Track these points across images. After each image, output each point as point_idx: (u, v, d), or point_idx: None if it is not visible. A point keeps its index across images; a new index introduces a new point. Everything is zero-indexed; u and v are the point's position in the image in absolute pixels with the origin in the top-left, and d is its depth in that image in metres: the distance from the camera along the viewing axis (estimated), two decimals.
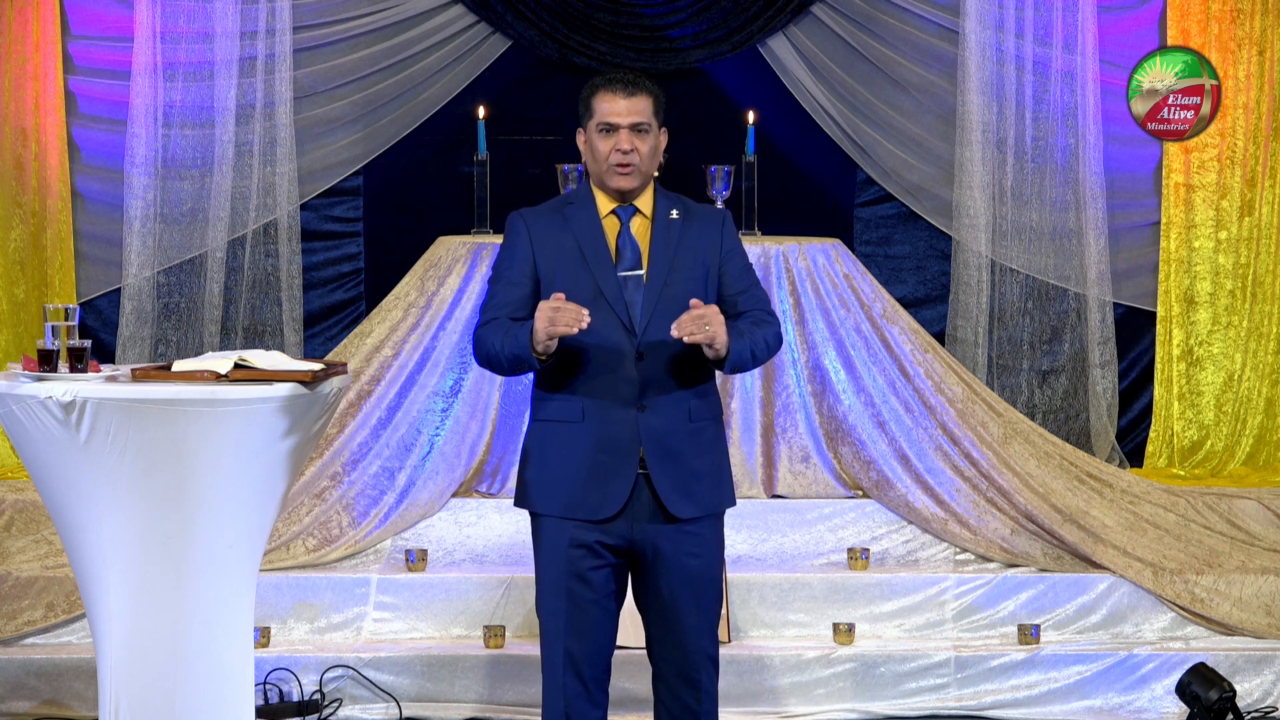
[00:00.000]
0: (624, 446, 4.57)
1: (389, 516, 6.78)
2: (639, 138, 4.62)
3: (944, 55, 8.32)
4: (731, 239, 4.71)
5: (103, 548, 4.60)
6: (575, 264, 4.61)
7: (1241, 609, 6.62)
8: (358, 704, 6.27)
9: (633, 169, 4.61)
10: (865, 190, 8.48)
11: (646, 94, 4.66)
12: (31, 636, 6.41)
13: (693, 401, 4.62)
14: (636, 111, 4.63)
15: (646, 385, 4.57)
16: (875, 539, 6.90)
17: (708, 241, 4.67)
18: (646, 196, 4.69)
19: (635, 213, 4.67)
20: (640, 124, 4.63)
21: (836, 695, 6.35)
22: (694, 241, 4.65)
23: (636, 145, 4.61)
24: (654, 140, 4.66)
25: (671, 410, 4.59)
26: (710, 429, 4.66)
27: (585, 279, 4.59)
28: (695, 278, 4.63)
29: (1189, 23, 8.31)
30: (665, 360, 4.58)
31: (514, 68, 8.37)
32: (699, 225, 4.68)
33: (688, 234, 4.66)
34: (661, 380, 4.58)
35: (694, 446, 4.61)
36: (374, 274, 8.33)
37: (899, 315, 7.13)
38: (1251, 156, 8.31)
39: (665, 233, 4.64)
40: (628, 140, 4.61)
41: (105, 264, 8.25)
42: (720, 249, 4.67)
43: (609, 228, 4.66)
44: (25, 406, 4.52)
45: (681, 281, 4.61)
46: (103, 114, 8.24)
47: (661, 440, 4.58)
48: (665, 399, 4.58)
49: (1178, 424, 8.32)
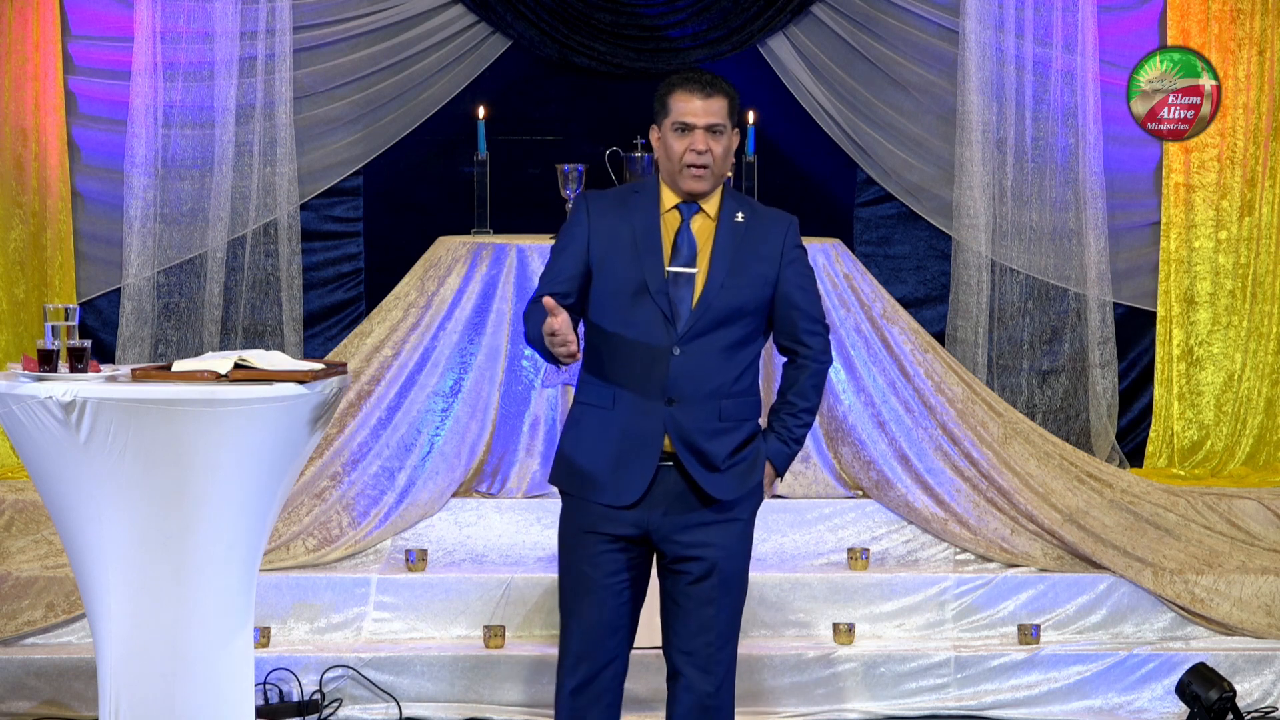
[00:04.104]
0: (648, 438, 4.59)
1: (389, 516, 6.78)
2: (714, 139, 4.60)
3: (944, 55, 8.32)
4: (794, 247, 4.69)
5: (103, 548, 4.60)
6: (627, 254, 4.62)
7: (1241, 609, 6.62)
8: (358, 704, 6.27)
9: (706, 171, 4.61)
10: (865, 190, 8.48)
11: (723, 95, 4.63)
12: (31, 636, 6.41)
13: (725, 402, 4.62)
14: (713, 113, 4.60)
15: (678, 381, 4.59)
16: (875, 539, 6.90)
17: (771, 248, 4.65)
18: (714, 197, 4.67)
19: (698, 211, 4.66)
20: (716, 125, 4.61)
21: (836, 695, 6.35)
22: (756, 246, 4.64)
23: (711, 147, 4.60)
24: (728, 141, 4.65)
25: (700, 408, 4.60)
26: (743, 431, 4.66)
27: (634, 269, 4.61)
28: (751, 284, 4.63)
29: (1189, 23, 8.31)
30: (701, 359, 4.59)
31: (514, 68, 8.37)
32: (764, 230, 4.66)
33: (751, 238, 4.65)
34: (694, 378, 4.59)
35: (721, 446, 4.62)
36: (374, 274, 8.33)
37: (899, 315, 7.13)
38: (1251, 156, 8.31)
39: (729, 234, 4.64)
40: (703, 141, 4.59)
41: (105, 264, 8.25)
42: (782, 258, 4.66)
43: (669, 223, 4.65)
44: (25, 406, 4.52)
45: (737, 285, 4.61)
46: (103, 114, 8.24)
47: (687, 436, 4.59)
48: (696, 396, 4.59)
49: (1178, 424, 8.32)
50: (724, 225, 4.64)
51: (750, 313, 4.62)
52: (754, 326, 4.65)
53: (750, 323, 4.64)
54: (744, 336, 4.63)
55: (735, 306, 4.59)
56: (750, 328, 4.64)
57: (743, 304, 4.60)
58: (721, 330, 4.59)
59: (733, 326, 4.61)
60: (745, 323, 4.62)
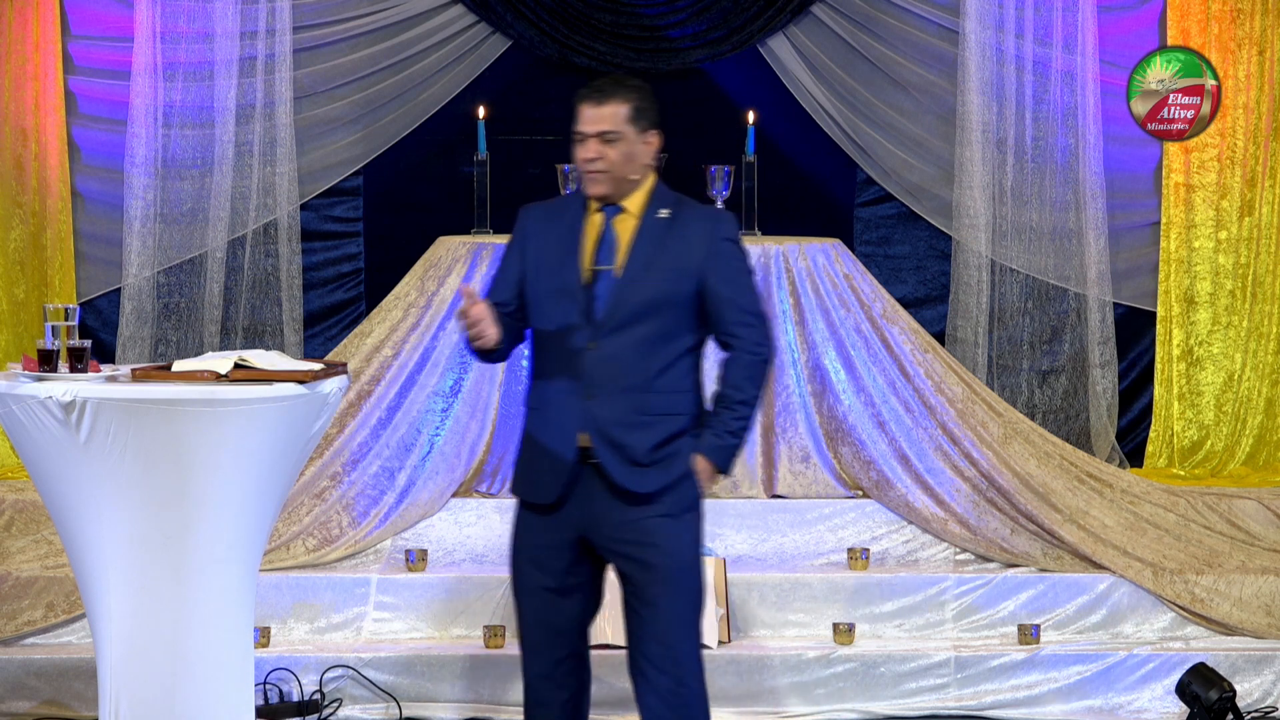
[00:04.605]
0: (565, 435, 4.65)
1: (389, 516, 6.78)
2: (606, 146, 4.67)
3: (944, 55, 8.32)
4: (721, 240, 4.70)
5: (103, 548, 4.60)
6: (553, 257, 4.72)
7: (1241, 609, 6.62)
8: (358, 704, 6.27)
9: (601, 175, 4.68)
10: (865, 190, 8.47)
11: (619, 101, 4.69)
12: (31, 636, 6.41)
13: (647, 397, 4.63)
14: (602, 120, 4.68)
15: (595, 376, 4.63)
16: (875, 539, 6.90)
17: (694, 241, 4.68)
18: (637, 196, 4.72)
19: (621, 211, 4.72)
20: (606, 132, 4.67)
21: (836, 695, 6.35)
22: (678, 240, 4.68)
23: (604, 153, 4.67)
24: (628, 147, 4.68)
25: (619, 401, 4.62)
26: (669, 425, 4.65)
27: (557, 271, 4.70)
28: (669, 277, 4.65)
29: (1189, 23, 8.31)
30: (618, 354, 4.62)
31: (514, 68, 8.37)
32: (691, 226, 4.70)
33: (673, 233, 4.69)
34: (611, 372, 4.62)
35: (643, 439, 4.63)
36: (374, 274, 8.33)
37: (899, 315, 7.13)
38: (1251, 156, 8.31)
39: (649, 230, 4.69)
40: (592, 149, 4.68)
41: (105, 264, 8.25)
42: (707, 251, 4.68)
43: (594, 224, 4.72)
44: (25, 406, 4.52)
45: (652, 279, 4.64)
46: (103, 114, 8.24)
47: (604, 430, 4.62)
48: (614, 390, 4.62)
49: (1178, 424, 8.32)
50: (645, 222, 4.70)
51: (670, 306, 4.64)
52: (677, 320, 4.65)
53: (672, 316, 4.64)
54: (666, 330, 4.64)
55: (651, 300, 4.62)
56: (672, 322, 4.65)
57: (659, 297, 4.63)
58: (639, 325, 4.62)
59: (651, 320, 4.63)
60: (666, 316, 4.64)
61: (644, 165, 4.72)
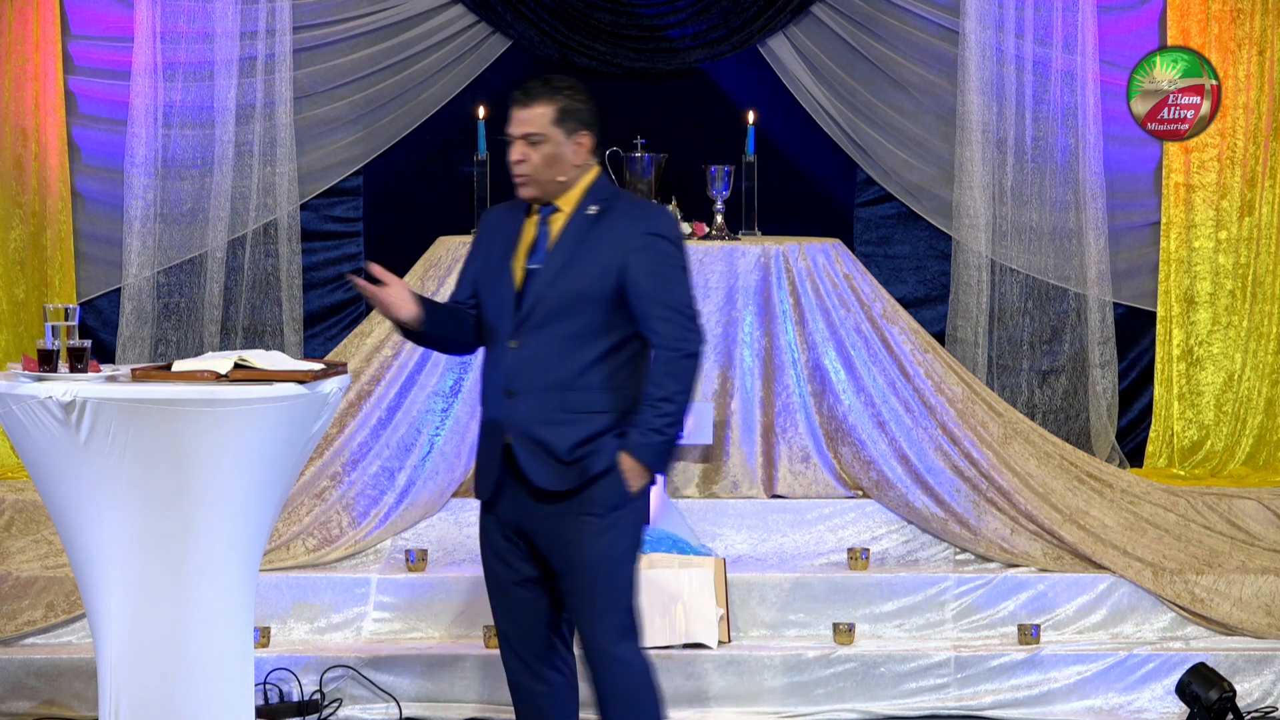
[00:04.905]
0: (493, 432, 4.71)
1: (389, 516, 6.78)
2: (531, 148, 4.68)
3: (944, 55, 8.32)
4: (647, 234, 4.66)
5: (103, 548, 4.60)
6: (496, 258, 4.76)
7: (1241, 609, 6.62)
8: (358, 704, 6.27)
9: (526, 178, 4.70)
10: (865, 190, 8.47)
11: (544, 103, 4.70)
12: (31, 636, 6.41)
13: (570, 394, 4.63)
14: (526, 122, 4.69)
15: (516, 373, 4.65)
16: (875, 539, 6.90)
17: (618, 236, 4.66)
18: (571, 195, 4.72)
19: (555, 211, 4.72)
20: (530, 134, 4.68)
21: (836, 695, 6.35)
22: (603, 236, 4.66)
23: (528, 155, 4.68)
24: (553, 149, 4.68)
25: (540, 399, 4.63)
26: (593, 424, 4.64)
27: (497, 272, 4.74)
28: (591, 273, 4.63)
29: (1189, 23, 8.31)
30: (539, 351, 4.63)
31: (514, 68, 8.36)
32: (618, 222, 4.68)
33: (599, 229, 4.67)
34: (532, 370, 4.64)
35: (564, 437, 4.62)
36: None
37: (899, 315, 7.13)
38: (1251, 156, 8.31)
39: (575, 227, 4.69)
40: (517, 151, 4.70)
41: (105, 264, 8.25)
42: (631, 246, 4.64)
43: (531, 225, 4.75)
44: (25, 406, 4.52)
45: (574, 276, 4.63)
46: (103, 114, 8.24)
47: (525, 428, 4.64)
48: (535, 388, 4.63)
49: (1178, 424, 8.32)
50: (573, 220, 4.70)
51: (590, 302, 4.62)
52: (601, 317, 4.63)
53: (594, 313, 4.63)
54: (589, 327, 4.63)
55: (571, 296, 4.61)
56: (596, 318, 4.63)
57: (579, 294, 4.61)
58: (560, 322, 4.62)
59: (573, 317, 4.62)
60: (588, 313, 4.62)
61: (574, 166, 4.70)
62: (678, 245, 4.70)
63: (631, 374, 4.69)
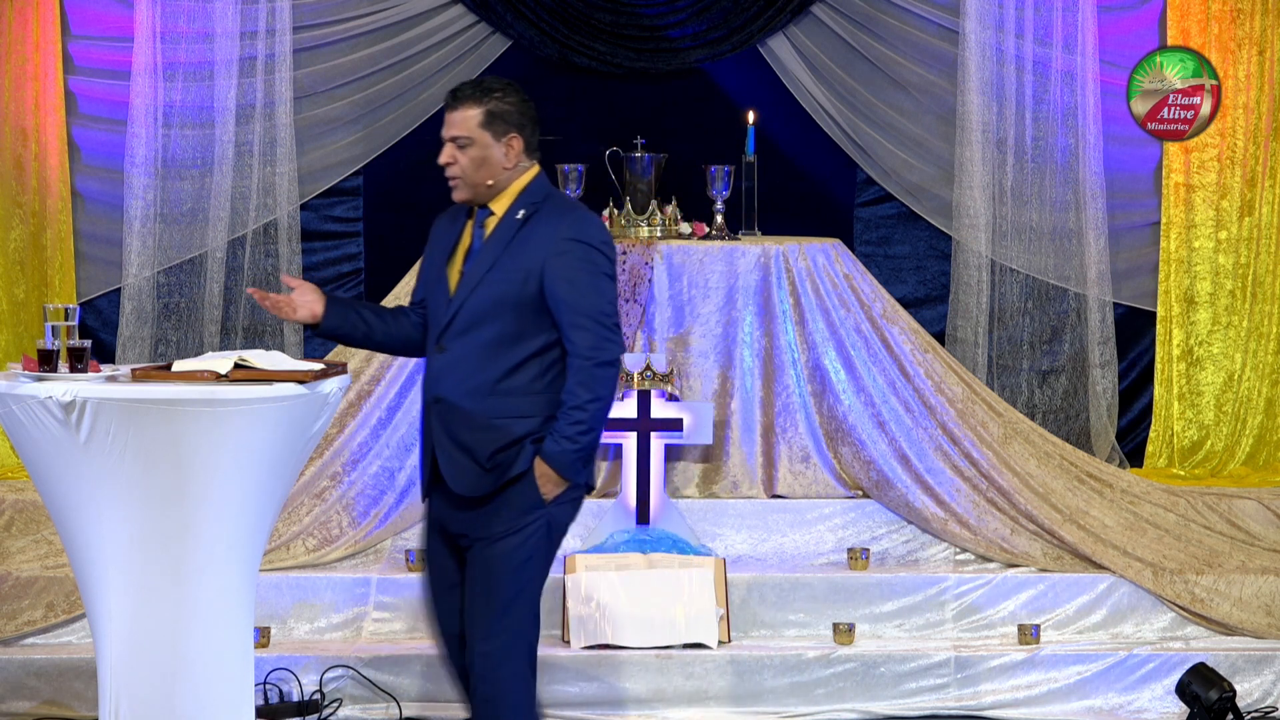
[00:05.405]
0: (425, 437, 4.75)
1: (389, 516, 6.78)
2: (459, 151, 4.68)
3: (944, 55, 8.32)
4: (566, 240, 4.63)
5: (103, 548, 4.60)
6: (438, 262, 4.77)
7: (1241, 609, 6.62)
8: (358, 704, 6.26)
9: (457, 180, 4.70)
10: (865, 190, 8.47)
11: (472, 106, 4.69)
12: (31, 636, 6.41)
13: (493, 400, 4.63)
14: (454, 125, 4.69)
15: (440, 379, 4.67)
16: (875, 539, 6.90)
17: (538, 242, 4.64)
18: (503, 199, 4.71)
19: (489, 214, 4.72)
20: (458, 137, 4.68)
21: (836, 695, 6.35)
22: (526, 242, 4.65)
23: (456, 158, 4.68)
24: (481, 152, 4.67)
25: (463, 405, 4.64)
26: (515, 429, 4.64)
27: (437, 277, 4.75)
28: (510, 279, 4.62)
29: (1189, 23, 8.31)
30: (462, 356, 4.64)
31: (514, 68, 8.36)
32: (541, 226, 4.66)
33: (524, 234, 4.66)
34: (456, 376, 4.64)
35: (485, 443, 4.62)
36: (374, 274, 8.33)
37: (899, 315, 7.13)
38: (1251, 156, 8.31)
39: (501, 233, 4.68)
40: (447, 154, 4.70)
41: (105, 264, 8.25)
42: (550, 251, 4.62)
43: (468, 230, 4.75)
44: (25, 406, 4.52)
45: (494, 281, 4.63)
46: (103, 114, 8.24)
47: (449, 432, 4.65)
48: (459, 393, 4.64)
49: (1178, 424, 8.32)
50: (501, 224, 4.69)
51: (512, 308, 4.61)
52: (524, 322, 4.62)
53: (517, 318, 4.61)
54: (510, 333, 4.62)
55: (490, 303, 4.61)
56: (519, 323, 4.62)
57: (500, 299, 4.60)
58: (483, 327, 4.62)
59: (495, 323, 4.61)
60: (510, 319, 4.61)
61: (504, 169, 4.69)
62: (600, 250, 4.65)
63: (556, 379, 4.67)
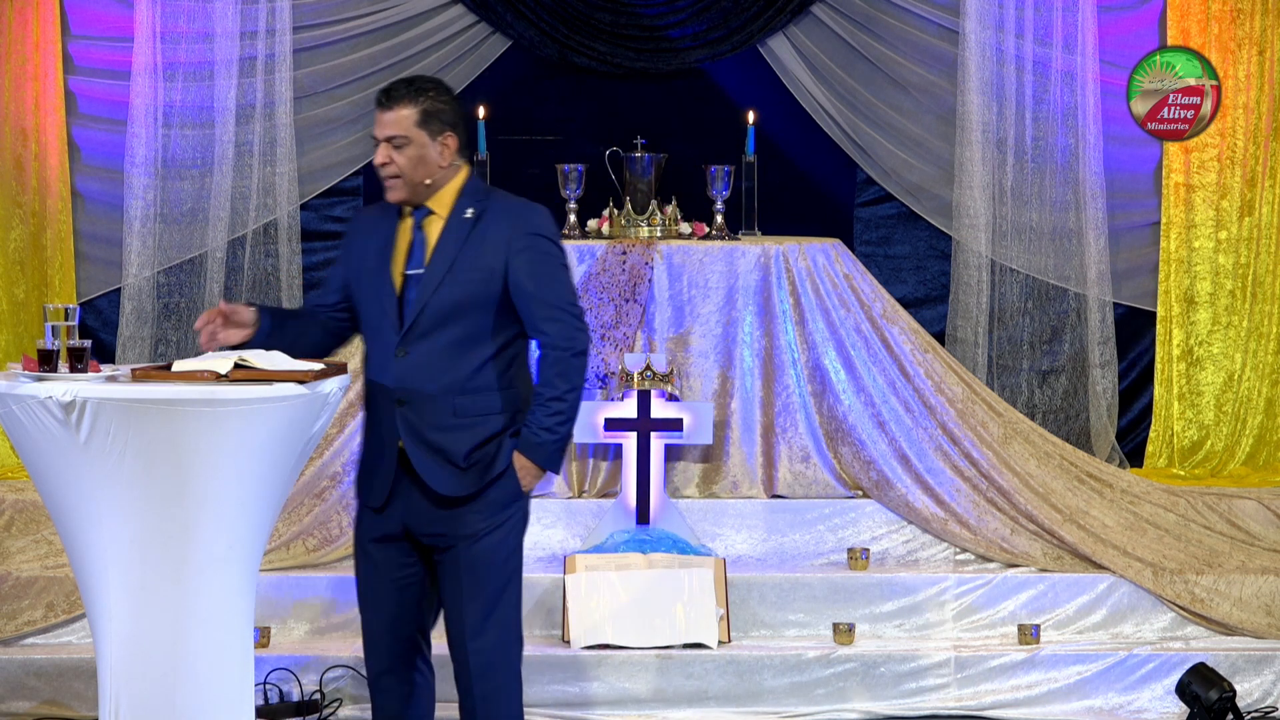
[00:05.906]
0: (386, 440, 4.72)
1: None
2: (395, 151, 4.67)
3: (944, 55, 8.32)
4: (526, 235, 4.66)
5: (103, 548, 4.60)
6: (372, 264, 4.74)
7: (1241, 609, 6.62)
8: (358, 704, 6.26)
9: (395, 180, 4.69)
10: (865, 190, 8.47)
11: (406, 104, 4.68)
12: (31, 636, 6.41)
13: (460, 399, 4.64)
14: (390, 124, 4.67)
15: (405, 381, 4.66)
16: (875, 539, 6.90)
17: (497, 239, 4.65)
18: (443, 197, 4.71)
19: (429, 214, 4.71)
20: (393, 137, 4.67)
21: (836, 695, 6.35)
22: (483, 240, 4.66)
23: (393, 158, 4.67)
24: (418, 151, 4.66)
25: (431, 406, 4.64)
26: (485, 427, 4.66)
27: (373, 278, 4.73)
28: (473, 278, 4.63)
29: (1189, 23, 8.31)
30: (427, 358, 4.64)
31: (514, 68, 8.37)
32: (496, 223, 4.67)
33: (478, 232, 4.67)
34: (422, 377, 4.64)
35: (459, 442, 4.64)
36: None
37: (899, 315, 7.13)
38: (1251, 156, 8.31)
39: (454, 232, 4.68)
40: (382, 154, 4.69)
41: (105, 264, 8.25)
42: (511, 248, 4.64)
43: (405, 229, 4.73)
44: (25, 406, 4.52)
45: (456, 281, 4.63)
46: (103, 114, 8.24)
47: (420, 434, 4.65)
48: (425, 395, 4.65)
49: (1178, 424, 8.32)
50: (450, 223, 4.69)
51: (476, 307, 4.63)
52: (487, 320, 4.64)
53: (480, 317, 4.64)
54: (475, 332, 4.64)
55: (455, 302, 4.62)
56: (482, 322, 4.64)
57: (464, 299, 4.62)
58: (447, 328, 4.63)
59: (458, 323, 4.63)
60: (473, 318, 4.63)
61: (440, 168, 4.69)
62: (556, 243, 4.71)
63: (518, 372, 4.72)
